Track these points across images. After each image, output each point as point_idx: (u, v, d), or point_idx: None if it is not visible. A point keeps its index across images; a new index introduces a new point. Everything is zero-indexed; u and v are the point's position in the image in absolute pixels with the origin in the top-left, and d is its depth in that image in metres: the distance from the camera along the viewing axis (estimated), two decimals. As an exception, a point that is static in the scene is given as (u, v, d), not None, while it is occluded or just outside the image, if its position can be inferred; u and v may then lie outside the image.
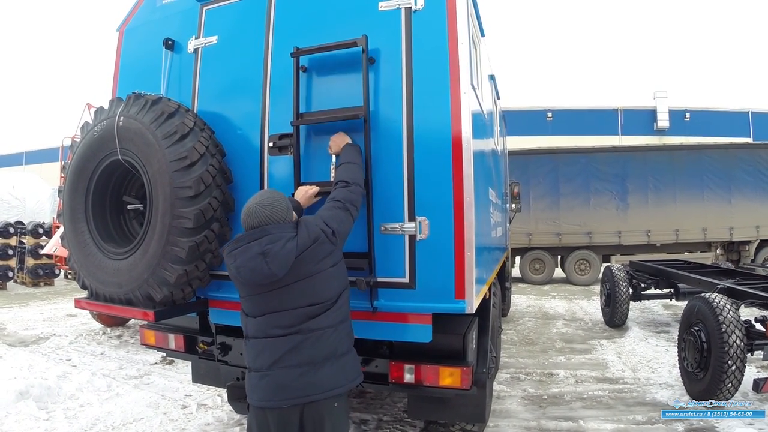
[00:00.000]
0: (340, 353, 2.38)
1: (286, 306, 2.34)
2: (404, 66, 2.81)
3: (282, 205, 2.41)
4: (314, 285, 2.36)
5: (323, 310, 2.36)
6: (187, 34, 3.51)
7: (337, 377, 2.35)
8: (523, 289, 13.76)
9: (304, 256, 2.32)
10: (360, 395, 5.14)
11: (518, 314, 9.91)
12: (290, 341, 2.31)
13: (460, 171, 2.66)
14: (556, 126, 26.57)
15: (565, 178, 14.52)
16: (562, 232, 14.33)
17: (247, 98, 3.25)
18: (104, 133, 3.05)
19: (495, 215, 4.53)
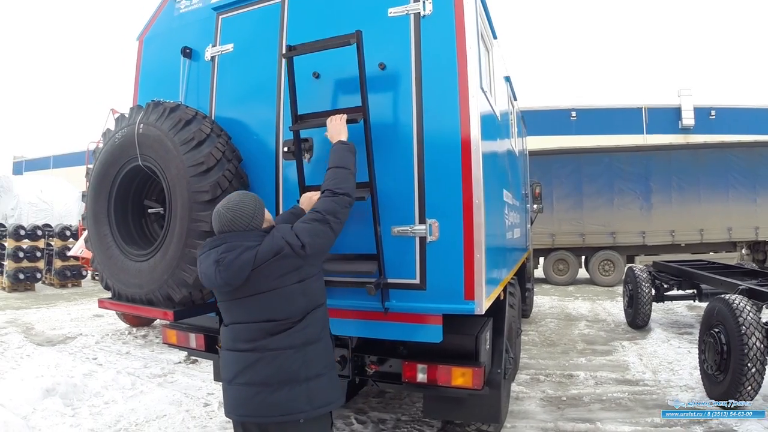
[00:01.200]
0: (303, 378, 2.20)
1: (247, 318, 2.26)
2: (414, 71, 2.85)
3: (246, 211, 2.30)
4: (272, 300, 2.22)
5: (283, 328, 2.21)
6: (204, 42, 3.60)
7: (296, 402, 2.19)
8: (547, 290, 13.67)
9: (262, 269, 2.19)
10: (379, 395, 5.21)
11: (541, 315, 9.86)
12: (248, 358, 2.21)
13: (469, 174, 2.68)
14: (580, 125, 26.24)
15: (588, 178, 14.40)
16: (585, 233, 14.20)
17: (262, 104, 3.33)
18: (125, 139, 3.15)
19: (511, 216, 4.53)
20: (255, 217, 2.31)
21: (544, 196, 14.03)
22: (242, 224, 2.26)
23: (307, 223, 2.29)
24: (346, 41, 2.73)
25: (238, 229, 2.26)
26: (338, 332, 3.05)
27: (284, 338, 2.20)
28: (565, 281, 14.52)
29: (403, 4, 2.89)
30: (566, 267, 14.59)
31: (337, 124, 2.70)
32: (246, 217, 2.28)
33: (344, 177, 2.48)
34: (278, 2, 3.31)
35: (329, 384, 2.29)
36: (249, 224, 2.28)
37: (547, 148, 15.50)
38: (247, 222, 2.27)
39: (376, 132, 2.91)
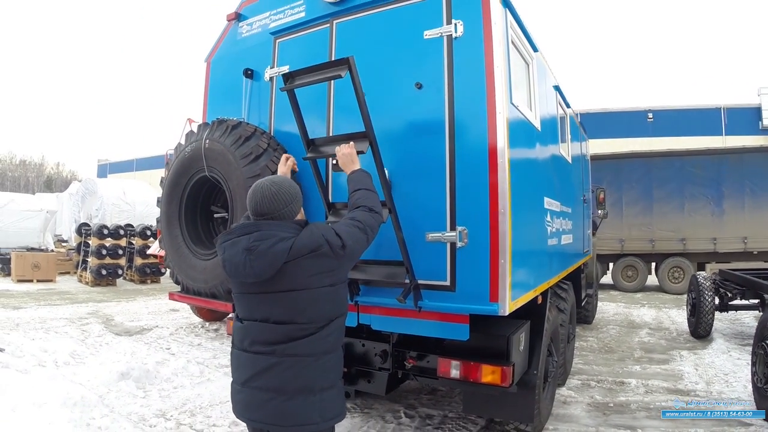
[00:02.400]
0: (318, 388, 2.11)
1: (267, 317, 2.14)
2: (447, 89, 3.07)
3: (287, 191, 2.20)
4: (300, 301, 2.11)
5: (306, 333, 2.11)
6: (263, 64, 3.96)
7: (309, 413, 2.10)
8: (614, 296, 13.44)
9: (295, 264, 2.07)
10: (431, 393, 5.43)
11: (603, 322, 9.76)
12: (265, 361, 2.11)
13: (495, 185, 2.87)
14: (657, 127, 25.25)
15: (658, 183, 14.04)
16: (655, 239, 13.86)
17: (314, 120, 3.60)
18: (194, 152, 3.57)
19: (557, 223, 4.63)
20: (294, 201, 2.22)
21: (613, 201, 13.92)
22: (280, 205, 2.16)
23: (348, 227, 2.22)
24: (338, 74, 2.80)
25: (274, 209, 2.15)
26: (379, 328, 3.34)
27: (306, 344, 2.10)
28: (633, 288, 14.19)
29: (437, 27, 3.11)
30: (635, 273, 14.26)
31: (347, 154, 2.70)
32: (286, 197, 2.19)
33: (375, 199, 2.48)
34: (327, 27, 3.63)
35: (338, 396, 2.21)
36: (286, 208, 2.18)
37: (617, 152, 15.22)
38: (284, 204, 2.17)
39: (413, 145, 3.19)
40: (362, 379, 3.76)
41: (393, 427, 4.51)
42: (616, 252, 14.17)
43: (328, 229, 2.17)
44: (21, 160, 73.09)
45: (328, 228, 2.19)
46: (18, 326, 8.57)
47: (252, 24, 4.13)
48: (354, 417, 4.75)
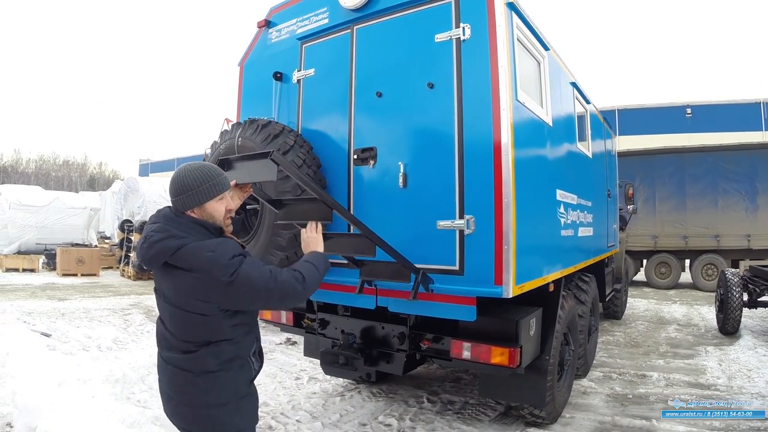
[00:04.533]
0: (203, 403, 1.96)
1: (161, 316, 2.06)
2: (456, 88, 3.30)
3: (176, 184, 2.03)
4: (175, 316, 1.97)
5: (182, 349, 1.96)
6: (291, 67, 4.27)
7: (201, 425, 1.99)
8: (647, 293, 13.39)
9: (177, 273, 1.88)
10: (455, 380, 5.67)
11: (633, 317, 9.80)
12: (160, 362, 2.05)
13: (500, 177, 3.09)
14: (696, 122, 24.68)
15: (692, 179, 13.90)
16: (688, 235, 13.72)
17: (338, 118, 3.93)
18: (228, 150, 3.88)
19: (572, 215, 4.79)
20: (185, 193, 2.01)
21: (646, 197, 13.81)
22: (173, 190, 2.03)
23: (286, 274, 1.99)
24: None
25: (171, 193, 2.04)
26: (395, 310, 3.59)
27: (183, 360, 1.95)
28: (666, 285, 14.09)
29: (446, 31, 3.35)
30: (668, 270, 14.15)
31: (312, 236, 2.37)
32: (177, 186, 2.03)
33: (314, 275, 2.12)
34: (348, 33, 3.90)
35: (238, 413, 2.00)
36: (176, 197, 2.03)
37: (649, 148, 15.08)
38: (174, 191, 2.03)
39: (426, 141, 3.45)
40: (382, 360, 4.00)
41: (415, 411, 4.75)
42: (649, 248, 14.06)
43: (225, 256, 1.86)
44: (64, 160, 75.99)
45: (226, 253, 1.87)
46: (63, 315, 9.15)
47: (281, 30, 4.44)
48: (378, 401, 5.01)
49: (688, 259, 14.23)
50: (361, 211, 3.75)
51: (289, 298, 2.00)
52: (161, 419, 3.86)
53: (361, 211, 3.75)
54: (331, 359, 3.95)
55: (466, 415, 4.66)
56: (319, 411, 4.75)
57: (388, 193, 3.60)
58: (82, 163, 77.32)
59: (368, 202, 3.73)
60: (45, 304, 10.28)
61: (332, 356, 3.95)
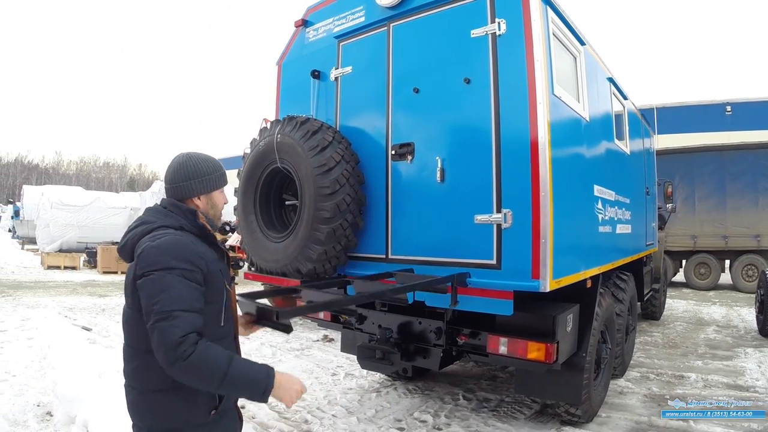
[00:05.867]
0: (149, 427, 1.76)
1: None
2: (492, 82, 3.32)
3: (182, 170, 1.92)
4: (124, 312, 1.82)
5: (129, 357, 1.80)
6: (329, 65, 4.34)
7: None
8: (686, 294, 13.14)
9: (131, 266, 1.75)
10: (491, 379, 5.68)
11: (671, 318, 9.65)
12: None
13: (537, 170, 3.09)
14: (736, 120, 23.90)
15: (732, 177, 13.54)
16: (728, 235, 13.38)
17: (375, 115, 3.98)
18: (267, 146, 3.97)
19: (610, 211, 4.73)
20: (192, 179, 1.92)
21: (685, 196, 13.53)
22: (176, 177, 1.92)
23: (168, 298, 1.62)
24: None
25: (169, 180, 1.93)
26: (432, 304, 3.60)
27: (130, 372, 1.77)
28: (706, 286, 13.77)
29: (482, 26, 3.37)
30: (708, 271, 13.83)
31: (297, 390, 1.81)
32: (184, 172, 1.92)
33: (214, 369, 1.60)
34: (384, 30, 3.95)
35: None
36: (187, 182, 1.92)
37: (688, 146, 14.74)
38: (186, 177, 1.92)
39: (463, 135, 3.48)
40: (418, 355, 4.01)
41: (450, 408, 4.77)
42: (688, 249, 13.77)
43: (164, 254, 1.67)
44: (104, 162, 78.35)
45: (168, 253, 1.68)
46: (104, 311, 9.46)
47: (318, 29, 4.52)
48: (414, 397, 5.04)
49: (728, 260, 13.86)
50: (398, 206, 3.80)
51: (160, 334, 1.57)
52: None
53: (399, 206, 3.79)
54: (368, 354, 3.99)
55: (501, 413, 4.66)
56: (354, 406, 4.81)
57: (425, 187, 3.62)
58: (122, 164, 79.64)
59: (406, 197, 3.76)
60: (86, 300, 10.63)
61: (369, 350, 4.00)
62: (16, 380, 5.10)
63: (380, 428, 4.30)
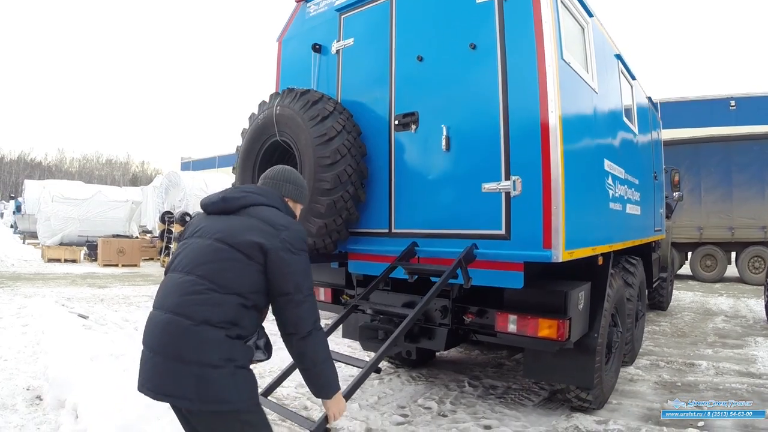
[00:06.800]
0: (195, 360, 1.81)
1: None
2: (499, 47, 3.20)
3: (298, 178, 2.24)
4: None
5: (193, 292, 1.90)
6: (330, 39, 4.23)
7: (181, 381, 1.83)
8: (692, 285, 12.97)
9: (246, 218, 1.98)
10: (497, 366, 5.54)
11: (678, 308, 9.51)
12: (154, 316, 1.96)
13: (547, 135, 2.95)
14: (740, 115, 23.69)
15: (738, 168, 13.35)
16: (735, 226, 13.19)
17: (378, 86, 3.86)
18: (266, 119, 3.84)
19: (620, 189, 4.60)
20: (301, 188, 2.25)
21: (691, 187, 13.36)
22: (290, 179, 2.20)
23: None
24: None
25: (282, 178, 2.18)
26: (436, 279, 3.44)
27: (189, 304, 1.85)
28: (712, 278, 13.60)
29: None
30: (714, 263, 13.65)
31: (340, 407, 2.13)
32: (299, 180, 2.24)
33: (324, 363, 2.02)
34: (388, 1, 3.83)
35: (232, 379, 1.84)
36: (291, 184, 2.19)
37: (694, 137, 14.56)
38: (293, 181, 2.20)
39: (469, 102, 3.34)
40: (423, 337, 3.87)
41: (456, 394, 4.61)
42: (694, 240, 13.58)
43: (299, 231, 1.97)
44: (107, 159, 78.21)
45: (300, 232, 1.99)
46: (102, 301, 9.33)
47: (318, 3, 4.41)
48: (418, 384, 4.90)
49: (734, 252, 13.70)
50: (402, 178, 3.67)
51: (308, 310, 1.97)
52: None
53: (402, 178, 3.67)
54: (370, 334, 3.84)
55: (508, 400, 4.51)
56: (356, 393, 4.63)
57: (430, 157, 3.50)
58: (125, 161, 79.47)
59: (409, 168, 3.64)
60: (85, 291, 10.52)
61: (371, 331, 3.85)
62: (7, 365, 4.98)
63: (383, 415, 4.15)
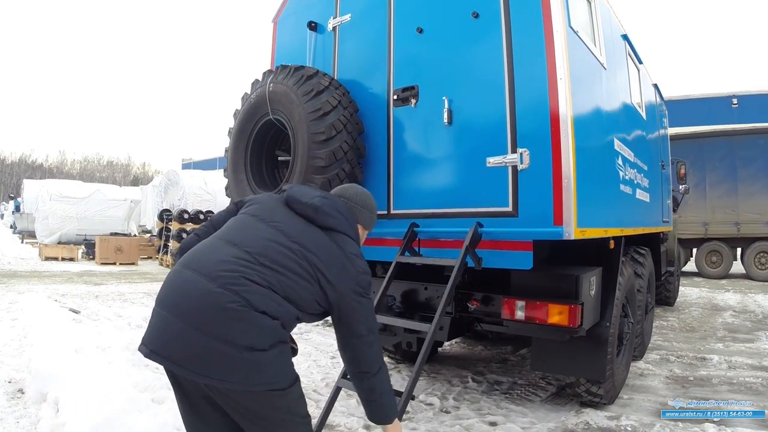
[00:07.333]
0: (242, 345, 1.73)
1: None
2: (503, 14, 3.02)
3: (370, 201, 2.17)
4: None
5: (252, 280, 1.79)
6: (326, 16, 4.04)
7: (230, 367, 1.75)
8: (698, 282, 12.78)
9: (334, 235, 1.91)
10: (502, 361, 5.36)
11: (685, 304, 9.34)
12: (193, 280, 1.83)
13: (556, 103, 2.76)
14: (743, 113, 23.49)
15: (743, 162, 13.17)
16: (740, 222, 13.00)
17: (376, 61, 3.68)
18: (258, 98, 3.66)
19: (630, 172, 4.41)
20: (370, 212, 2.17)
21: (696, 182, 13.17)
22: (362, 201, 2.13)
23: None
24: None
25: (353, 198, 2.11)
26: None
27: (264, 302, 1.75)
28: (718, 274, 13.42)
29: None
30: (719, 259, 13.48)
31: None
32: (371, 203, 2.17)
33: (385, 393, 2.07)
34: None
35: (281, 357, 1.79)
36: (361, 207, 2.12)
37: (698, 131, 14.38)
38: (365, 205, 2.14)
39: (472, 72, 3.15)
40: (424, 327, 3.65)
41: (459, 390, 4.42)
42: (699, 236, 13.40)
43: (366, 273, 1.94)
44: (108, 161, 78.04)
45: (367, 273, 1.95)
46: (97, 297, 9.17)
47: (315, -20, 4.21)
48: (419, 380, 4.69)
49: (740, 248, 13.52)
50: (401, 156, 3.49)
51: (378, 349, 2.06)
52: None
53: (402, 156, 3.48)
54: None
55: (514, 396, 4.31)
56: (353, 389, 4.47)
57: (431, 132, 3.31)
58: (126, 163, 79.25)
59: (410, 144, 3.45)
60: (80, 288, 10.37)
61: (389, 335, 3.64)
62: (-9, 357, 4.81)
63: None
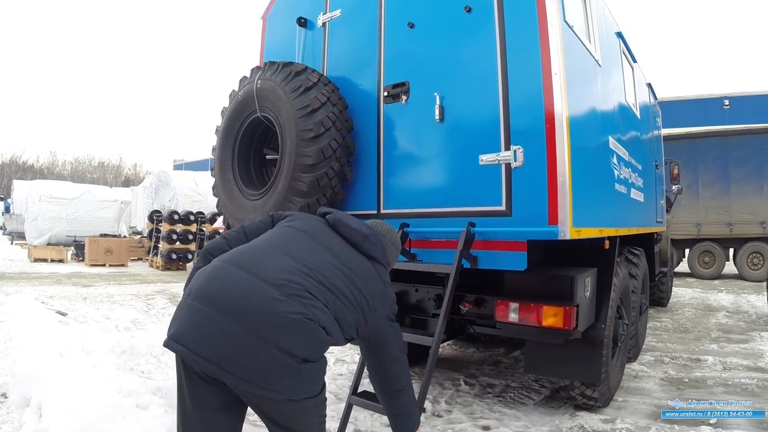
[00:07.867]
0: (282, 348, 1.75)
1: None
2: (496, 8, 2.96)
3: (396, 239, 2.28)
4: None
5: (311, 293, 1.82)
6: (316, 12, 3.97)
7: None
8: (690, 282, 12.80)
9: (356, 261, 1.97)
10: (494, 364, 5.28)
11: (679, 305, 9.33)
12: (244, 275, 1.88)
13: (551, 98, 2.69)
14: (734, 114, 23.60)
15: (736, 162, 13.20)
16: (733, 222, 13.02)
17: (366, 58, 3.60)
18: (246, 95, 3.58)
19: (624, 171, 4.36)
20: (395, 249, 2.25)
21: (688, 183, 13.17)
22: (389, 238, 2.22)
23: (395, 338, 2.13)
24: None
25: (383, 234, 2.19)
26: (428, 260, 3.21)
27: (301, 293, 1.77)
28: (710, 275, 13.44)
29: None
30: (712, 260, 13.49)
31: None
32: (397, 240, 2.27)
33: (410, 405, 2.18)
34: None
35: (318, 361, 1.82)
36: (388, 243, 2.20)
37: (691, 131, 14.39)
38: (392, 242, 2.23)
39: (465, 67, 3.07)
40: (414, 329, 3.52)
41: (451, 393, 4.34)
42: (692, 237, 13.42)
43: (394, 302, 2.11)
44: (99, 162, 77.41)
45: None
46: (85, 299, 9.01)
47: (304, -24, 4.14)
48: (411, 383, 4.62)
49: (732, 248, 13.55)
50: (391, 154, 3.41)
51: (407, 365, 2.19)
52: (162, 390, 3.56)
53: (392, 153, 3.40)
54: None
55: (507, 399, 4.22)
56: (344, 392, 4.36)
57: (422, 129, 3.23)
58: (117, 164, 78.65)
59: (401, 141, 3.38)
60: (68, 290, 10.21)
61: None
62: (-25, 362, 4.68)
63: (372, 415, 3.84)
